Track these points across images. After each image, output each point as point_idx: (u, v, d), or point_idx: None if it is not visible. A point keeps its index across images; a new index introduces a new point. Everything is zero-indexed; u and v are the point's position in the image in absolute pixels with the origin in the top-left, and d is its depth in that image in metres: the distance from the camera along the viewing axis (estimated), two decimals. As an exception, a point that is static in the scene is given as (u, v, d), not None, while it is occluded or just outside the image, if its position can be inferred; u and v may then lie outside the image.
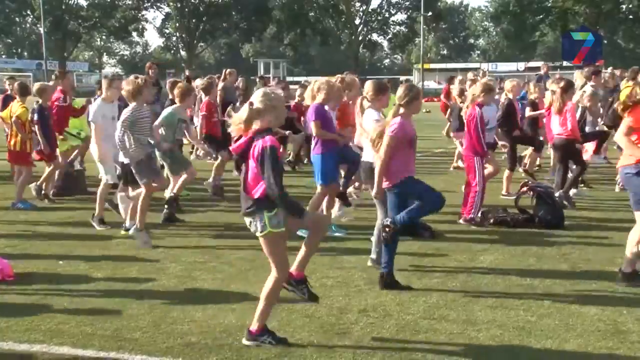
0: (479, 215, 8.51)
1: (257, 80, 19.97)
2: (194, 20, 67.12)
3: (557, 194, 9.13)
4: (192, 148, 14.83)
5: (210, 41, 76.30)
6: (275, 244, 4.70)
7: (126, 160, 7.67)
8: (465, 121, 8.65)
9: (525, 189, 9.05)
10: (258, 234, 4.65)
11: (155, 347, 4.77)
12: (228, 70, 15.37)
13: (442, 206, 6.09)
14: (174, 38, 74.53)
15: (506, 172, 10.48)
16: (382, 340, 4.88)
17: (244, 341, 4.80)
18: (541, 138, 11.49)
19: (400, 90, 6.11)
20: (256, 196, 4.58)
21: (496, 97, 11.13)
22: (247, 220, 4.68)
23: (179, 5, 66.72)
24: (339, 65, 61.54)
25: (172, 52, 78.37)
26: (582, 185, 10.78)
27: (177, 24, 68.90)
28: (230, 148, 4.88)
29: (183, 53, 72.43)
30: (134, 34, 78.60)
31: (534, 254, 7.13)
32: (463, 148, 9.31)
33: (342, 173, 8.22)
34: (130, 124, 7.49)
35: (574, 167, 9.79)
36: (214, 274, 6.54)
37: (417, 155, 6.79)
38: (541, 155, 11.96)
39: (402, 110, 6.02)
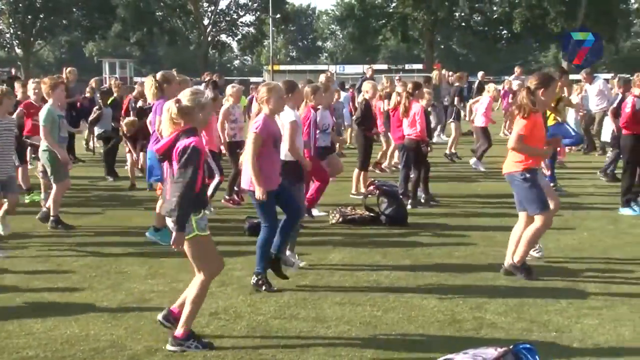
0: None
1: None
2: (29, 17, 63.16)
3: (423, 196, 9.61)
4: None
5: (49, 39, 72.28)
6: (200, 248, 4.59)
7: None
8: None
9: (371, 187, 9.38)
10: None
11: (-10, 364, 4.47)
12: (68, 69, 14.70)
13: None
14: (7, 35, 69.72)
15: (356, 172, 10.78)
16: (233, 342, 4.87)
17: (168, 347, 4.66)
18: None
19: (262, 90, 6.09)
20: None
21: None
22: (170, 221, 4.52)
23: (11, 0, 62.52)
24: (188, 65, 60.71)
25: (7, 49, 73.32)
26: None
27: (11, 20, 64.55)
28: (154, 148, 4.66)
29: (19, 51, 68.01)
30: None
31: (380, 251, 7.40)
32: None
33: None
34: None
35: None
36: (55, 283, 6.23)
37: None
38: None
39: (264, 108, 6.00)
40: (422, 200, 9.86)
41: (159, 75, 7.91)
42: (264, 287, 6.01)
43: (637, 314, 5.39)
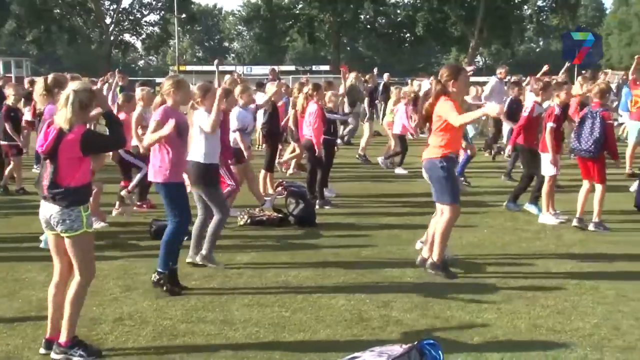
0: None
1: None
2: None
3: (329, 193, 9.67)
4: None
5: None
6: (86, 246, 4.46)
7: None
8: None
9: (280, 188, 9.39)
10: (70, 232, 4.37)
11: None
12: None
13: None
14: None
15: (262, 172, 10.76)
16: (138, 348, 4.77)
17: (53, 355, 4.46)
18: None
19: (167, 83, 6.03)
20: (66, 185, 4.33)
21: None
22: (50, 214, 4.38)
23: None
24: (89, 65, 58.83)
25: None
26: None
27: None
28: (40, 149, 4.43)
29: None
30: None
31: (288, 252, 7.42)
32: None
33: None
34: None
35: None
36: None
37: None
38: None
39: (169, 101, 5.96)
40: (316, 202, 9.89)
41: (50, 78, 7.53)
42: (164, 288, 5.91)
43: (532, 307, 5.64)
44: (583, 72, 20.57)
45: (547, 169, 8.92)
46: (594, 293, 6.01)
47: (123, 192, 9.28)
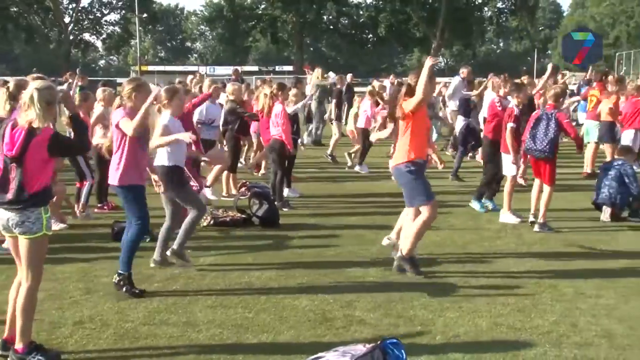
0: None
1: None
2: None
3: (292, 194, 9.68)
4: None
5: None
6: (42, 249, 4.40)
7: None
8: None
9: (243, 189, 9.36)
10: (28, 235, 4.29)
11: None
12: None
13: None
14: None
15: (225, 173, 10.72)
16: (99, 352, 4.71)
17: None
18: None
19: (127, 87, 5.98)
20: (33, 190, 4.27)
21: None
22: (8, 217, 4.31)
23: None
24: (47, 65, 57.80)
25: None
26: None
27: None
28: (9, 153, 4.33)
29: None
30: None
31: (251, 253, 7.40)
32: None
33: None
34: None
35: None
36: None
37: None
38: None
39: (129, 104, 5.91)
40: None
41: (11, 83, 7.33)
42: (124, 289, 5.85)
43: (493, 305, 5.72)
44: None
45: (508, 169, 9.05)
46: (552, 291, 6.12)
47: (78, 216, 9.05)
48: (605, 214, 9.08)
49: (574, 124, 14.00)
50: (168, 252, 6.72)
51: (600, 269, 6.86)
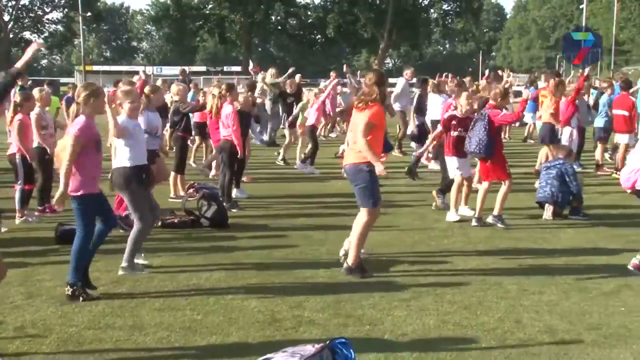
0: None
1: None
2: None
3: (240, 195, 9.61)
4: None
5: None
6: None
7: None
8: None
9: (191, 190, 9.27)
10: None
11: None
12: None
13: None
14: None
15: (172, 175, 10.58)
16: (42, 356, 4.60)
17: None
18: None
19: (83, 93, 5.84)
20: None
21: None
22: None
23: None
24: (-12, 63, 56.12)
25: None
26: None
27: None
28: None
29: None
30: None
31: (200, 254, 7.34)
32: None
33: None
34: None
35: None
36: None
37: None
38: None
39: (86, 111, 5.79)
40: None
41: None
42: (81, 298, 5.73)
43: (441, 303, 5.80)
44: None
45: (453, 172, 9.22)
46: (497, 288, 6.23)
47: (17, 222, 8.80)
48: (548, 212, 9.30)
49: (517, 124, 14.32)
50: (120, 272, 6.53)
51: (543, 266, 7.03)
